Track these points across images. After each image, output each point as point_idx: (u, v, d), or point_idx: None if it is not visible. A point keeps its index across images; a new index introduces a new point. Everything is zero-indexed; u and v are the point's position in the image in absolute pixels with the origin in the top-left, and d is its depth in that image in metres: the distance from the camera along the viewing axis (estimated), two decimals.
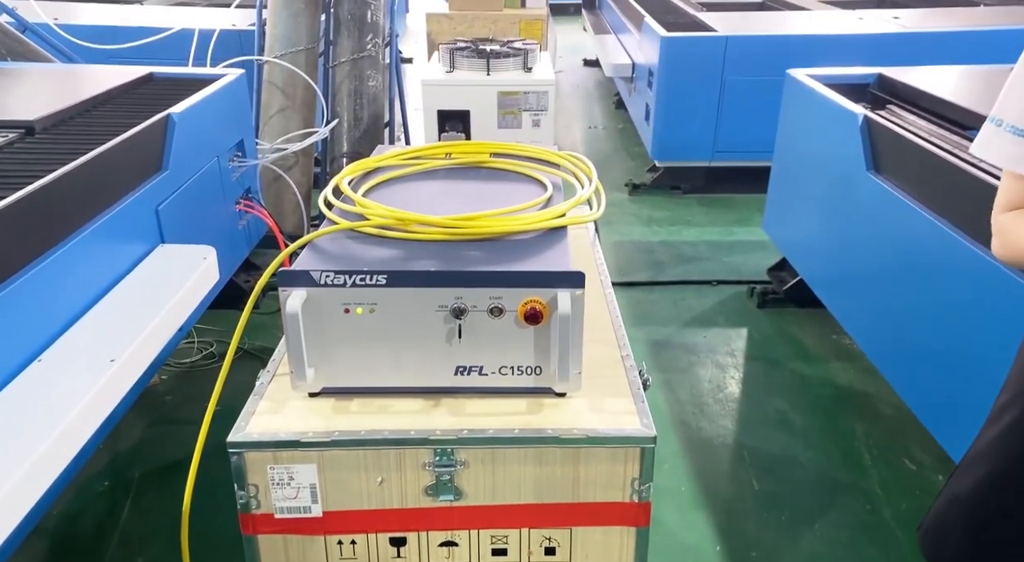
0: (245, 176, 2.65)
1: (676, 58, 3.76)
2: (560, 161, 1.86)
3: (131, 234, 1.84)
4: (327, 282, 1.23)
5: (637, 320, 2.87)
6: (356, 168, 1.75)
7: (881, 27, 3.79)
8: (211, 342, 2.59)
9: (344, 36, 3.20)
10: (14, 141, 1.83)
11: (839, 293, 2.38)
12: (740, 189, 4.03)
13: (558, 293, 1.23)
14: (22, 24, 2.97)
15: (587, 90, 6.73)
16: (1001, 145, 0.99)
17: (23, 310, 1.42)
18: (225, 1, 4.77)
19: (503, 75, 2.90)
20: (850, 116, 2.16)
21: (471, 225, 1.41)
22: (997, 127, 1.00)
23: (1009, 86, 1.01)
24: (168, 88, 2.43)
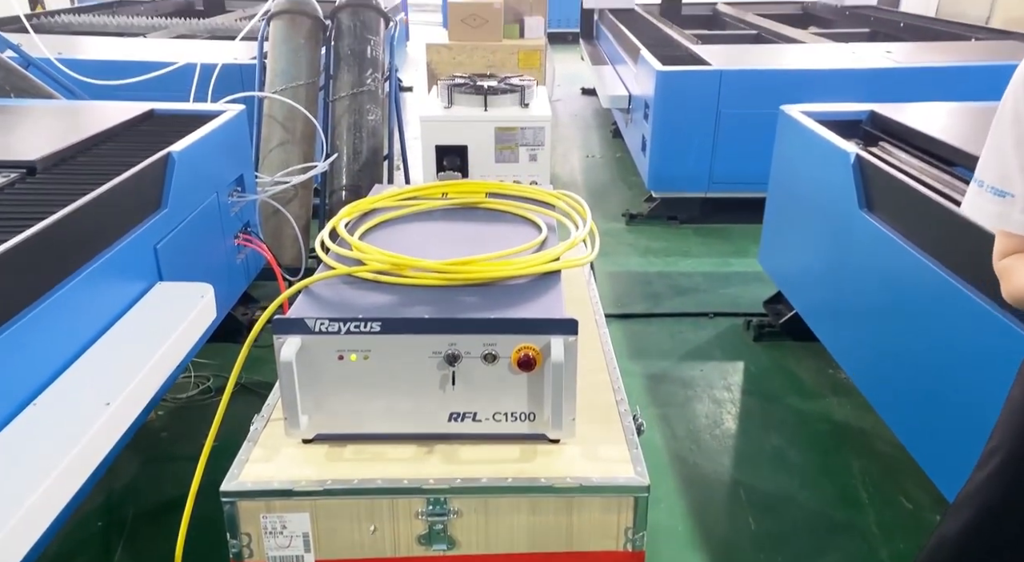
0: (244, 210, 2.67)
1: (672, 91, 3.80)
2: (555, 201, 1.88)
3: (129, 273, 1.85)
4: (322, 329, 1.24)
5: (634, 353, 2.87)
6: (353, 210, 1.77)
7: (874, 62, 3.83)
8: (208, 376, 2.59)
9: (344, 71, 3.25)
10: (15, 181, 1.85)
11: (833, 328, 2.38)
12: (737, 219, 4.05)
13: (551, 340, 1.24)
14: (26, 60, 3.01)
15: (585, 119, 6.79)
16: (984, 205, 1.04)
17: (20, 354, 1.42)
18: (226, 33, 4.84)
19: (500, 111, 2.93)
20: (843, 155, 2.18)
21: (466, 270, 1.42)
22: (980, 188, 1.05)
23: (986, 148, 1.05)
24: (169, 124, 2.46)
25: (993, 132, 1.03)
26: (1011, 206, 1.01)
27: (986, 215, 1.04)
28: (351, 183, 3.21)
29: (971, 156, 2.00)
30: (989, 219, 1.04)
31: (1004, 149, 1.01)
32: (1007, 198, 1.01)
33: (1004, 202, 1.01)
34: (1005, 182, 1.01)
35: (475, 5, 5.06)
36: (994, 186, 1.02)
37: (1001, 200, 1.01)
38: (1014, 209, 1.01)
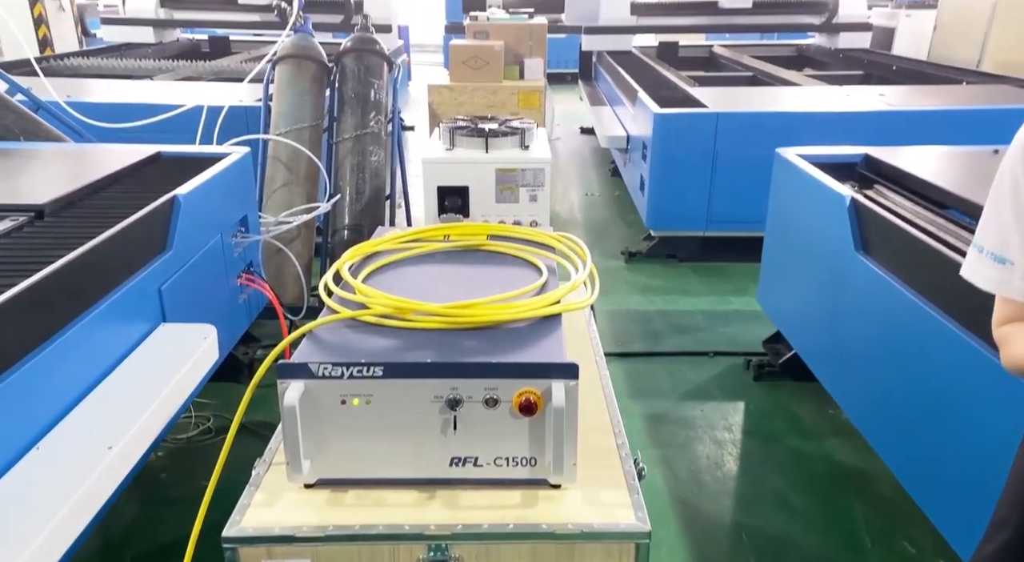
0: (247, 250, 2.70)
1: (669, 133, 3.87)
2: (555, 244, 1.90)
3: (133, 316, 1.87)
4: (325, 374, 1.25)
5: (634, 393, 2.88)
6: (356, 252, 1.79)
7: (868, 105, 3.91)
8: (208, 416, 2.59)
9: (348, 113, 3.31)
10: (24, 225, 1.88)
11: (832, 369, 2.39)
12: (735, 258, 4.08)
13: (552, 384, 1.25)
14: (35, 103, 3.07)
15: (583, 157, 6.88)
16: (985, 271, 1.05)
17: (25, 398, 1.43)
18: (231, 75, 4.93)
19: (501, 153, 2.98)
20: (838, 198, 2.22)
21: (468, 313, 1.44)
22: (979, 253, 1.06)
23: (986, 214, 1.06)
24: (175, 167, 2.50)
25: (992, 199, 1.05)
26: (1011, 273, 1.02)
27: (986, 280, 1.05)
28: (353, 223, 3.24)
29: (965, 200, 2.04)
30: (989, 284, 1.05)
31: (1004, 217, 1.02)
32: (1007, 265, 1.02)
33: (1004, 269, 1.03)
34: (1004, 249, 1.03)
35: (476, 47, 5.18)
36: (994, 252, 1.04)
37: (1001, 267, 1.03)
38: (1014, 276, 1.02)
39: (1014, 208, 1.01)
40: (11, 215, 1.92)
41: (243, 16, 6.36)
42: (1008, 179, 1.02)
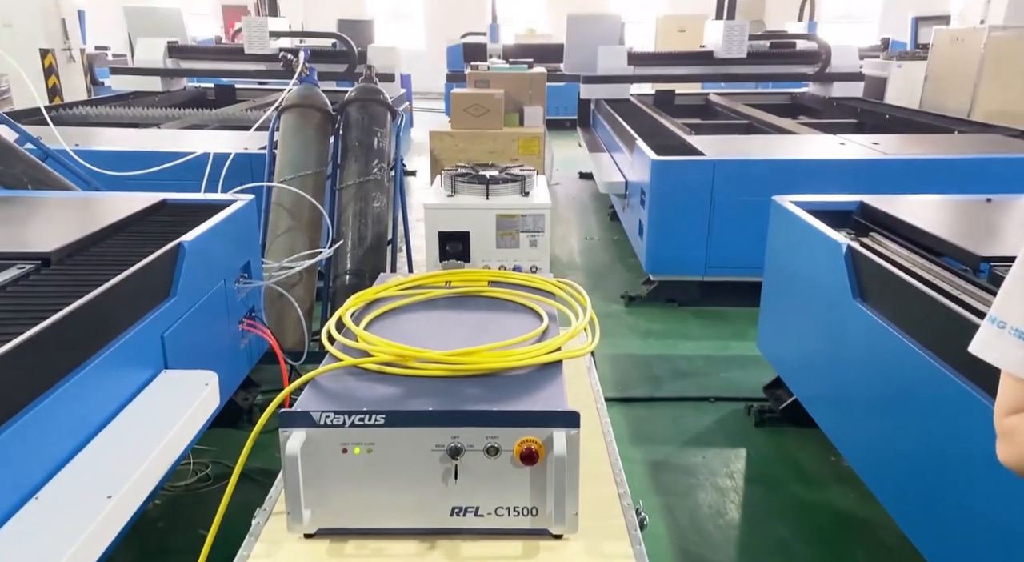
0: (250, 296, 2.72)
1: (667, 180, 3.93)
2: (555, 290, 1.92)
3: (136, 363, 1.88)
4: (327, 422, 1.26)
5: (635, 439, 2.86)
6: (359, 299, 1.81)
7: (862, 153, 3.98)
8: (206, 463, 2.57)
9: (351, 160, 3.37)
10: (30, 273, 1.90)
11: (833, 416, 2.39)
12: (735, 303, 4.09)
13: (553, 433, 1.26)
14: (44, 152, 3.13)
15: (582, 202, 6.96)
16: (1005, 349, 0.95)
17: (25, 447, 1.43)
18: (237, 123, 5.03)
19: (502, 199, 3.02)
20: (835, 245, 2.25)
21: (469, 361, 1.45)
22: (1000, 329, 0.96)
23: (1011, 286, 0.97)
24: (181, 214, 2.53)
25: (1018, 270, 0.96)
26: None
27: (1011, 361, 0.95)
28: (355, 268, 3.27)
29: (959, 248, 2.07)
30: (1013, 365, 0.95)
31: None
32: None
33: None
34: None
35: (477, 96, 5.29)
36: (1019, 328, 0.93)
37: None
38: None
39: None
40: (18, 263, 1.94)
41: (248, 66, 6.51)
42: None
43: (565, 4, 15.40)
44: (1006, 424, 0.97)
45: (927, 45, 6.61)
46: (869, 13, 17.47)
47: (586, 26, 7.72)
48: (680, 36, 10.71)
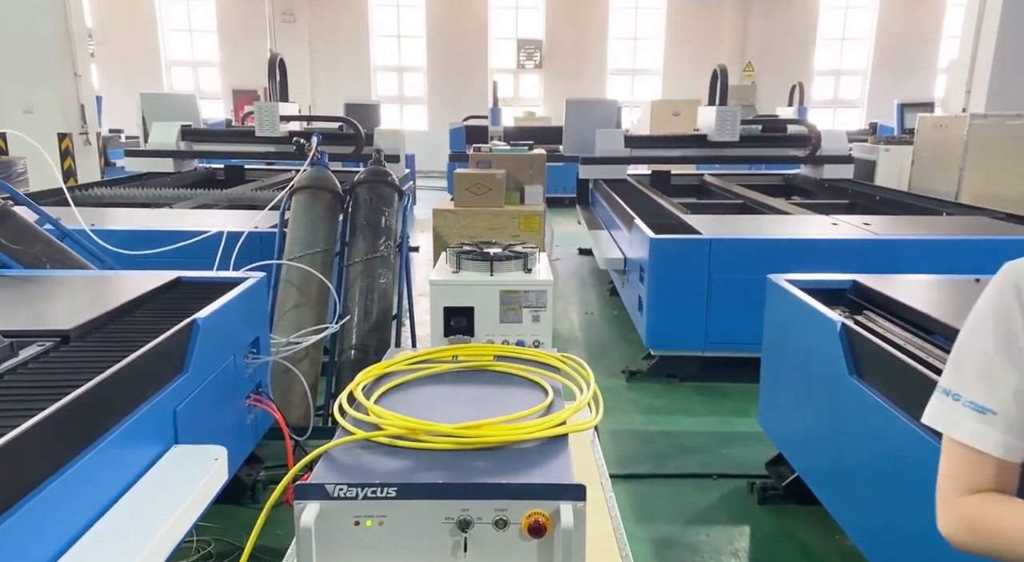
0: (257, 371, 2.76)
1: (665, 257, 4.04)
2: (559, 364, 1.98)
3: (149, 437, 1.91)
4: (340, 495, 1.29)
5: (639, 516, 2.85)
6: (368, 374, 1.86)
7: (854, 233, 4.11)
8: (209, 540, 2.55)
9: (359, 239, 3.48)
10: (50, 350, 1.96)
11: (835, 493, 2.39)
12: (735, 378, 4.13)
13: (560, 506, 1.29)
14: (62, 232, 3.23)
15: (582, 277, 7.07)
16: (963, 422, 0.96)
17: (39, 524, 1.44)
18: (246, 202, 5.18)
19: (505, 276, 3.11)
20: (829, 323, 2.32)
21: (477, 434, 1.49)
22: (953, 401, 0.97)
23: (959, 357, 0.99)
24: (194, 292, 2.61)
25: (967, 340, 0.98)
26: (993, 426, 0.94)
27: (968, 433, 0.96)
28: (360, 343, 3.33)
29: (949, 327, 2.14)
30: (970, 437, 0.96)
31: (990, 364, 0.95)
32: (987, 415, 0.94)
33: (984, 420, 0.95)
34: (989, 399, 0.95)
35: (479, 175, 5.47)
36: (975, 401, 0.95)
37: (982, 417, 0.95)
38: (995, 430, 0.94)
39: (1000, 355, 0.94)
40: (39, 340, 2.00)
41: (259, 147, 6.76)
42: (993, 322, 0.95)
43: (561, 89, 16.08)
44: (966, 507, 0.95)
45: (913, 130, 6.88)
46: (856, 99, 18.17)
47: (584, 110, 8.06)
48: (674, 120, 11.12)
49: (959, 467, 0.97)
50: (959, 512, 0.97)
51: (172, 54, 18.04)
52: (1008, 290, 0.95)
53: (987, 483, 0.95)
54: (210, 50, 17.90)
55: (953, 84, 8.68)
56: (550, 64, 17.93)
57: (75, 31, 7.54)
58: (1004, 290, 0.95)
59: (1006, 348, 0.94)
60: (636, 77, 18.34)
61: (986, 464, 0.95)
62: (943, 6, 17.06)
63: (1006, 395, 0.94)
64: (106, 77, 15.61)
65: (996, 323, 0.95)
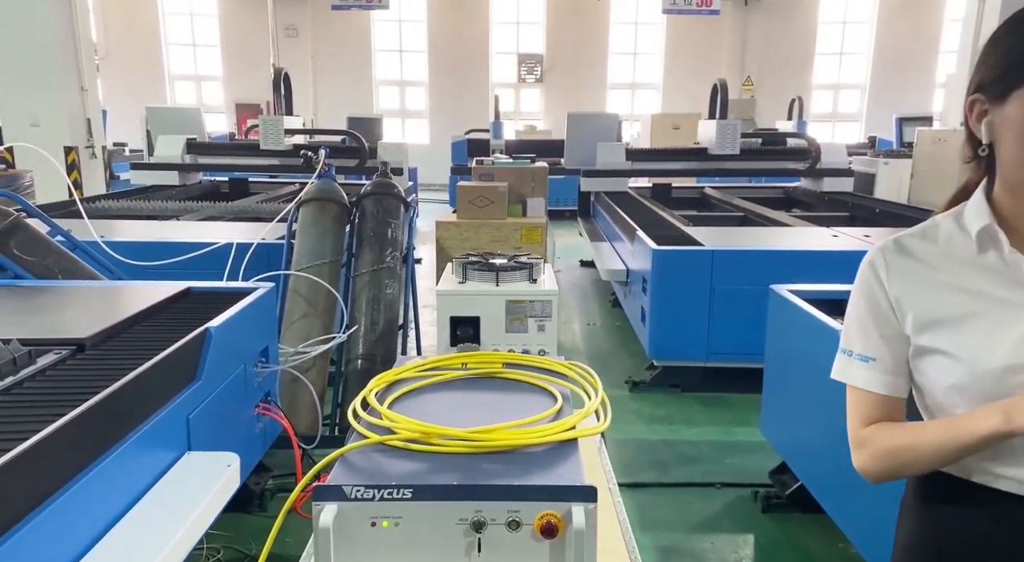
0: (266, 381, 2.79)
1: (668, 268, 4.08)
2: (567, 372, 2.01)
3: (163, 444, 1.94)
4: (357, 496, 1.32)
5: (644, 524, 2.87)
6: (380, 381, 1.89)
7: (854, 245, 4.16)
8: (218, 548, 2.58)
9: (366, 250, 3.52)
10: (67, 358, 1.99)
11: (839, 501, 2.42)
12: (737, 389, 4.16)
13: (572, 507, 1.32)
14: (72, 243, 3.28)
15: (584, 289, 7.11)
16: (856, 372, 1.20)
17: (56, 531, 1.46)
18: (251, 214, 5.23)
19: (511, 286, 3.15)
20: (831, 332, 2.35)
21: (489, 438, 1.52)
22: (847, 356, 1.22)
23: (847, 322, 1.23)
24: (204, 301, 2.65)
25: (850, 308, 1.23)
26: (874, 370, 1.18)
27: (861, 380, 1.20)
28: (367, 352, 3.36)
29: None
30: (863, 382, 1.19)
31: (865, 323, 1.19)
32: (871, 362, 1.18)
33: (870, 367, 1.18)
34: (868, 349, 1.19)
35: (482, 188, 5.52)
36: (862, 353, 1.19)
37: (868, 365, 1.19)
38: (876, 372, 1.18)
39: (871, 315, 1.19)
40: (55, 348, 2.04)
41: (264, 160, 6.82)
42: (861, 293, 1.21)
43: (562, 103, 16.21)
44: (862, 434, 1.21)
45: (912, 143, 6.95)
46: (855, 113, 18.30)
47: (585, 123, 8.12)
48: (673, 133, 11.22)
49: (858, 409, 1.22)
50: (864, 445, 1.21)
51: (175, 68, 18.19)
52: (866, 266, 1.22)
53: (880, 417, 1.19)
54: (213, 64, 18.06)
55: (951, 98, 8.77)
56: (550, 78, 18.07)
57: (82, 45, 7.63)
58: (864, 267, 1.22)
59: (873, 309, 1.19)
60: (636, 91, 18.48)
61: (878, 402, 1.19)
62: (940, 21, 17.23)
63: (880, 344, 1.18)
64: (109, 91, 15.71)
65: (863, 291, 1.21)
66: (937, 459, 1.12)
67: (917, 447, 1.13)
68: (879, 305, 1.18)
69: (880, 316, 1.18)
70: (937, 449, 1.10)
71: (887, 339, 1.18)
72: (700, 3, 14.04)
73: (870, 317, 1.19)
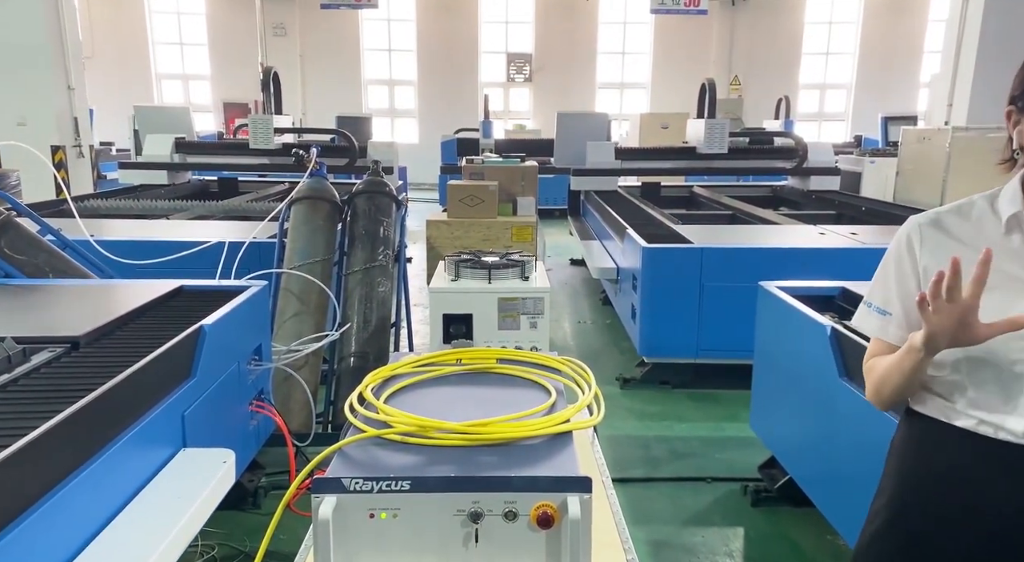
0: (259, 378, 2.80)
1: (657, 266, 4.11)
2: (560, 366, 2.03)
3: (159, 441, 1.95)
4: (356, 488, 1.34)
5: (637, 519, 2.90)
6: (376, 377, 1.91)
7: (841, 242, 4.21)
8: (213, 545, 2.58)
9: (358, 248, 3.53)
10: (61, 355, 2.00)
11: (827, 494, 2.46)
12: (727, 385, 4.19)
13: (568, 498, 1.34)
14: (63, 242, 3.26)
15: (574, 287, 7.14)
16: (870, 320, 1.41)
17: (53, 527, 1.46)
18: (241, 214, 5.22)
19: (503, 283, 3.17)
20: (819, 327, 2.39)
21: (485, 431, 1.54)
22: (867, 308, 1.41)
23: (874, 279, 1.41)
24: (197, 300, 2.65)
25: (880, 268, 1.40)
26: (889, 323, 1.37)
27: (873, 328, 1.40)
28: (360, 350, 3.37)
29: None
30: (874, 331, 1.40)
31: (888, 281, 1.37)
32: (887, 316, 1.37)
33: (884, 319, 1.37)
34: (887, 304, 1.37)
35: (472, 187, 5.54)
36: (878, 306, 1.38)
37: (882, 318, 1.38)
38: (890, 325, 1.36)
39: (896, 276, 1.36)
40: (49, 346, 2.04)
41: (253, 159, 6.80)
42: (893, 254, 1.38)
43: (551, 102, 16.24)
44: (866, 366, 1.41)
45: (897, 142, 7.02)
46: (841, 112, 18.44)
47: (575, 123, 8.15)
48: (662, 132, 11.27)
49: (871, 351, 1.41)
50: (865, 372, 1.41)
51: (163, 67, 18.07)
52: (903, 235, 1.38)
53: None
54: (201, 63, 17.95)
55: (935, 98, 8.87)
56: (540, 77, 18.09)
57: (68, 43, 7.58)
58: (900, 235, 1.38)
59: (899, 272, 1.36)
60: (624, 90, 18.54)
61: (888, 349, 1.36)
62: (925, 22, 17.40)
63: (896, 303, 1.36)
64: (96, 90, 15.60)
65: (894, 256, 1.37)
66: (892, 374, 1.33)
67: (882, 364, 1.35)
68: (905, 270, 1.35)
69: (903, 280, 1.35)
70: (891, 366, 1.32)
71: (904, 300, 1.34)
72: (688, 3, 14.12)
73: (895, 279, 1.36)
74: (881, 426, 2.01)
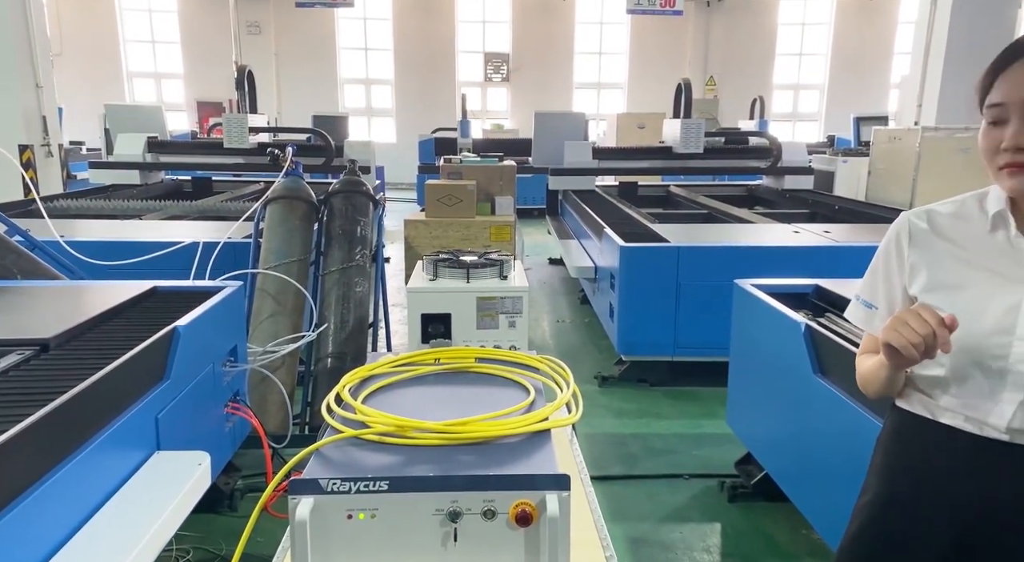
0: (235, 380, 2.77)
1: (635, 264, 4.14)
2: (539, 365, 2.04)
3: (132, 444, 1.92)
4: (334, 489, 1.33)
5: (615, 516, 2.91)
6: (353, 377, 1.90)
7: (814, 240, 4.27)
8: (188, 549, 2.55)
9: (335, 248, 3.51)
10: (30, 358, 1.96)
11: (802, 489, 2.49)
12: (704, 383, 4.23)
13: (546, 495, 1.35)
14: (31, 243, 3.20)
15: (553, 286, 7.15)
16: (857, 313, 1.46)
17: (24, 531, 1.43)
18: (215, 214, 5.16)
19: (481, 283, 3.17)
20: (794, 324, 2.42)
21: (464, 430, 1.54)
22: (856, 300, 1.47)
23: (868, 269, 1.46)
24: (170, 301, 2.61)
25: (871, 264, 1.44)
26: (874, 316, 1.41)
27: (858, 320, 1.46)
28: (337, 351, 3.35)
29: None
30: (860, 322, 1.45)
31: (876, 276, 1.42)
32: (872, 310, 1.42)
33: (870, 312, 1.42)
34: (872, 298, 1.42)
35: (451, 186, 5.54)
36: (864, 299, 1.44)
37: (867, 309, 1.43)
38: (875, 318, 1.41)
39: (883, 271, 1.40)
40: (18, 349, 1.99)
41: (228, 159, 6.72)
42: (883, 251, 1.42)
43: (528, 102, 16.25)
44: (857, 360, 1.48)
45: (868, 142, 7.13)
46: (814, 113, 18.69)
47: (553, 122, 8.17)
48: (638, 132, 11.33)
49: (863, 343, 1.48)
50: (855, 369, 1.47)
51: (134, 65, 17.79)
52: (893, 231, 1.41)
53: (875, 351, 1.38)
54: (174, 62, 17.70)
55: (905, 98, 9.02)
56: (517, 77, 18.10)
57: (36, 40, 7.42)
58: (892, 231, 1.41)
59: (887, 268, 1.40)
60: (601, 90, 18.61)
61: (875, 340, 1.39)
62: (894, 24, 17.68)
63: (882, 297, 1.40)
64: (65, 88, 15.32)
65: (884, 251, 1.41)
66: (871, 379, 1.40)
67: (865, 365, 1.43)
68: (892, 266, 1.39)
69: (889, 275, 1.39)
70: (871, 370, 1.39)
71: (889, 294, 1.39)
72: (664, 4, 14.21)
73: (882, 274, 1.41)
74: (855, 422, 2.04)
